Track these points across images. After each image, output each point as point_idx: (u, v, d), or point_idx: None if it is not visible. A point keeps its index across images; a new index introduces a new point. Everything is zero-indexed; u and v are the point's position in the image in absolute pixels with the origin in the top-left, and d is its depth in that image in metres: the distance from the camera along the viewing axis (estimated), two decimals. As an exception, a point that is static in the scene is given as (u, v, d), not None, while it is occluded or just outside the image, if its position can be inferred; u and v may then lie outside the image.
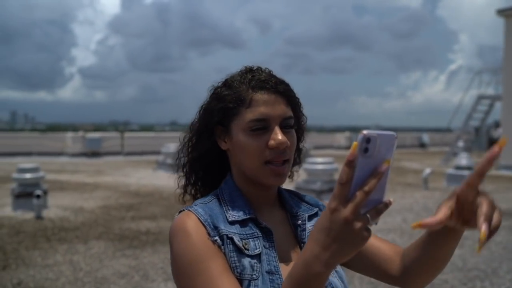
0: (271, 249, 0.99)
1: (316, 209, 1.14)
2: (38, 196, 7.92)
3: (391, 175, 14.58)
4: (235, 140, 1.02)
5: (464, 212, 0.79)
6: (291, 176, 1.14)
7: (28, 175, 8.62)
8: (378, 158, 0.68)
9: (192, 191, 1.16)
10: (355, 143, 0.67)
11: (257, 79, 1.03)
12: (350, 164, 0.67)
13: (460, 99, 21.39)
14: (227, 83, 1.06)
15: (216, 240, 0.95)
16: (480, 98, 20.71)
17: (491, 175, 14.46)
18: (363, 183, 0.68)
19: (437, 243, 0.94)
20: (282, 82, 1.05)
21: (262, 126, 0.99)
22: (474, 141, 22.44)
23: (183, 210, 1.02)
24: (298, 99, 1.09)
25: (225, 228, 0.97)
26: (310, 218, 1.11)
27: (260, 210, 1.06)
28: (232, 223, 0.99)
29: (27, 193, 8.35)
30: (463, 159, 12.71)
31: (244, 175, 1.05)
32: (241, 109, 1.01)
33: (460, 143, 19.28)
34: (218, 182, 1.13)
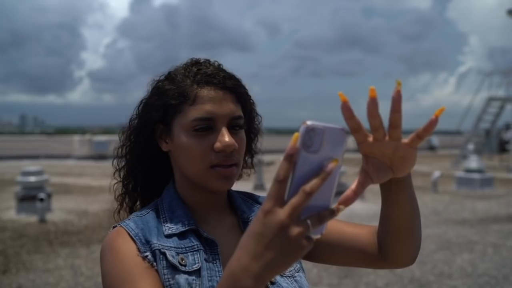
0: (214, 262, 0.90)
1: None
2: (41, 200, 7.86)
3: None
4: (176, 141, 0.92)
5: (387, 162, 0.72)
6: (239, 178, 1.02)
7: (32, 178, 8.57)
8: (324, 155, 0.59)
9: (130, 201, 1.05)
10: (296, 134, 0.58)
11: (203, 73, 0.93)
12: (290, 158, 0.58)
13: (470, 101, 21.15)
14: (170, 77, 0.96)
15: (146, 256, 0.85)
16: (491, 100, 20.49)
17: (502, 178, 14.25)
18: (307, 179, 0.58)
19: (390, 200, 0.87)
20: (232, 77, 0.95)
21: (207, 126, 0.90)
22: (484, 143, 22.15)
23: (116, 225, 0.92)
24: (250, 96, 0.99)
25: (158, 242, 0.87)
26: None
27: (205, 218, 0.96)
28: (169, 236, 0.89)
29: (31, 196, 8.29)
30: (473, 162, 12.52)
31: (187, 179, 0.95)
32: (184, 106, 0.91)
33: (470, 146, 19.03)
34: (161, 189, 1.02)
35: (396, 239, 0.93)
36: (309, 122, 0.58)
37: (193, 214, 0.95)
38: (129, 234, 0.87)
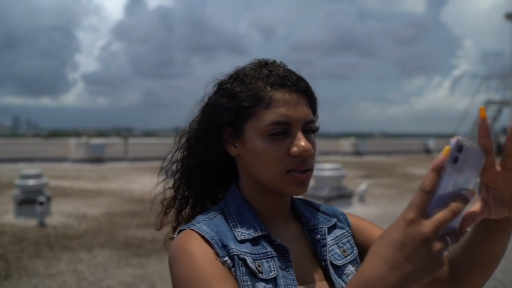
0: (288, 270, 0.87)
1: (334, 220, 1.01)
2: (41, 203, 7.77)
3: (399, 182, 14.47)
4: (249, 145, 0.89)
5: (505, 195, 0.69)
6: None
7: (31, 182, 8.48)
8: (463, 174, 0.59)
9: (180, 205, 1.02)
10: (447, 147, 0.58)
11: (276, 75, 0.89)
12: (439, 170, 0.57)
13: (468, 104, 21.20)
14: (239, 78, 0.92)
15: (226, 261, 0.81)
16: (488, 103, 20.58)
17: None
18: (445, 200, 0.58)
19: (489, 238, 0.81)
20: (303, 79, 0.93)
21: (283, 130, 0.87)
22: (481, 147, 22.19)
23: (184, 229, 0.88)
24: (316, 98, 0.96)
25: (236, 248, 0.84)
26: (329, 230, 0.98)
27: (272, 225, 0.93)
28: (242, 242, 0.85)
29: (30, 200, 8.19)
30: (472, 165, 12.52)
31: (256, 184, 0.92)
32: (259, 110, 0.87)
33: (467, 149, 19.10)
34: (216, 194, 1.01)
35: (481, 273, 0.88)
36: (459, 138, 0.58)
37: (261, 220, 0.91)
38: (204, 237, 0.83)
